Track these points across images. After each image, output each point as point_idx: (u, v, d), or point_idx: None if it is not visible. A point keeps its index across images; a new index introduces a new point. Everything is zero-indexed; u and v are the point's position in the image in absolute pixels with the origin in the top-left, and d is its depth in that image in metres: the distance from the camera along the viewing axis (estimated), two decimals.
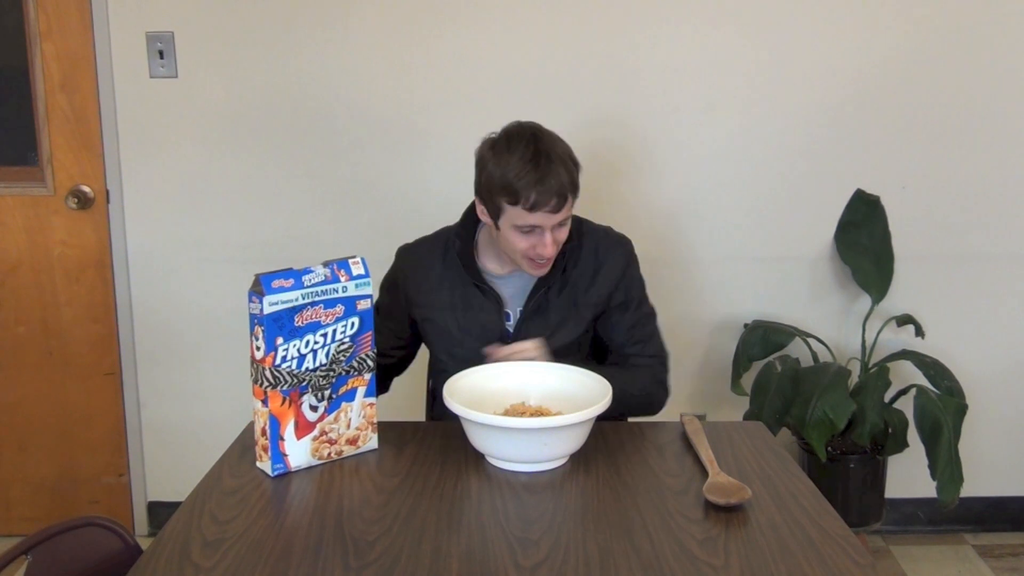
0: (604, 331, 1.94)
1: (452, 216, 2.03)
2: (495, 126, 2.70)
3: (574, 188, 1.75)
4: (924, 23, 2.63)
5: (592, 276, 1.88)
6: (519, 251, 1.78)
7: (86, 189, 2.69)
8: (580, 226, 1.91)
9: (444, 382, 1.65)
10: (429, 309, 1.90)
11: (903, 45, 2.64)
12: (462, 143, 2.66)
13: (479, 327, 1.87)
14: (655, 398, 1.91)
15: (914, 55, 2.64)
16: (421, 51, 2.62)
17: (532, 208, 1.70)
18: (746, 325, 2.75)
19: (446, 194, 2.67)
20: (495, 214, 1.77)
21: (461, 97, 2.65)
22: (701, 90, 2.65)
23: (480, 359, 1.82)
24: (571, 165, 1.75)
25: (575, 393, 1.66)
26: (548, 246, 1.75)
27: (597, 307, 1.90)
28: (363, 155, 2.68)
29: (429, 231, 2.01)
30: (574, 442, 1.57)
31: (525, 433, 1.52)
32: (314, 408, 1.54)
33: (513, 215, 1.73)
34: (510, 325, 1.88)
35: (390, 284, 1.96)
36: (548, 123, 2.63)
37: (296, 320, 1.48)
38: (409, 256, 1.96)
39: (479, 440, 1.57)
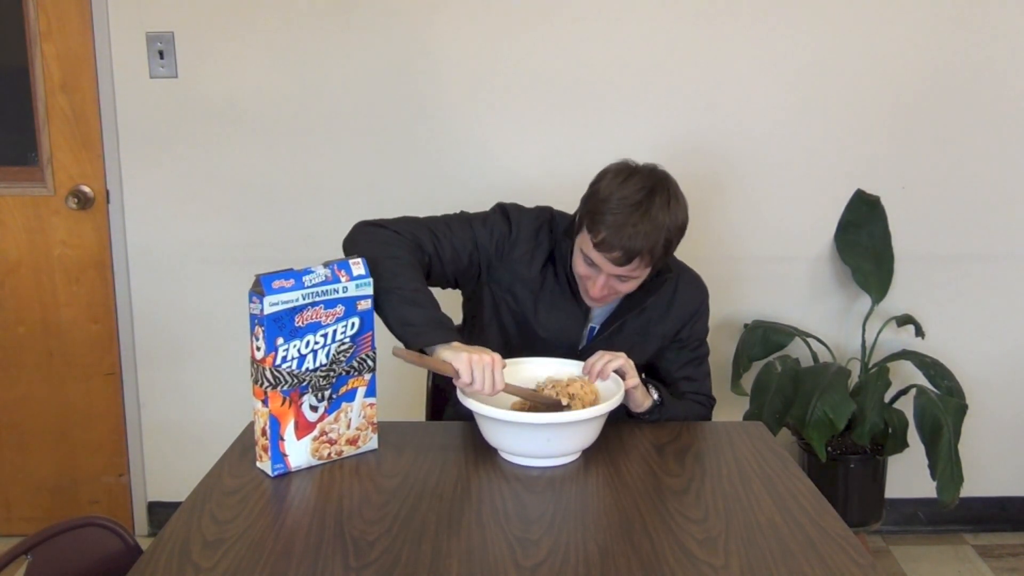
0: (660, 362, 1.91)
1: None
2: (494, 125, 2.71)
3: (651, 255, 1.66)
4: (924, 23, 2.62)
5: (667, 307, 1.85)
6: (577, 273, 1.75)
7: (86, 189, 2.70)
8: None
9: None
10: (517, 284, 1.81)
11: (903, 45, 2.64)
12: (464, 144, 2.68)
13: (558, 326, 1.82)
14: None
15: (914, 55, 2.64)
16: (423, 51, 2.62)
17: (597, 246, 1.65)
18: (746, 325, 2.75)
19: (447, 196, 2.67)
20: (577, 228, 1.74)
21: (462, 98, 2.65)
22: (701, 89, 2.65)
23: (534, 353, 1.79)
24: (663, 235, 1.65)
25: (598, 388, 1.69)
26: (596, 288, 1.70)
27: (664, 339, 1.87)
28: (363, 155, 2.68)
29: None
30: (581, 439, 1.58)
31: (530, 428, 1.53)
32: (314, 408, 1.54)
33: (583, 239, 1.70)
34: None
35: (496, 223, 1.82)
36: (544, 119, 2.65)
37: (296, 320, 1.48)
38: (525, 223, 1.82)
39: (489, 433, 1.60)
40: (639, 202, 1.64)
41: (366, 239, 1.71)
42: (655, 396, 1.77)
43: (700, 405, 1.90)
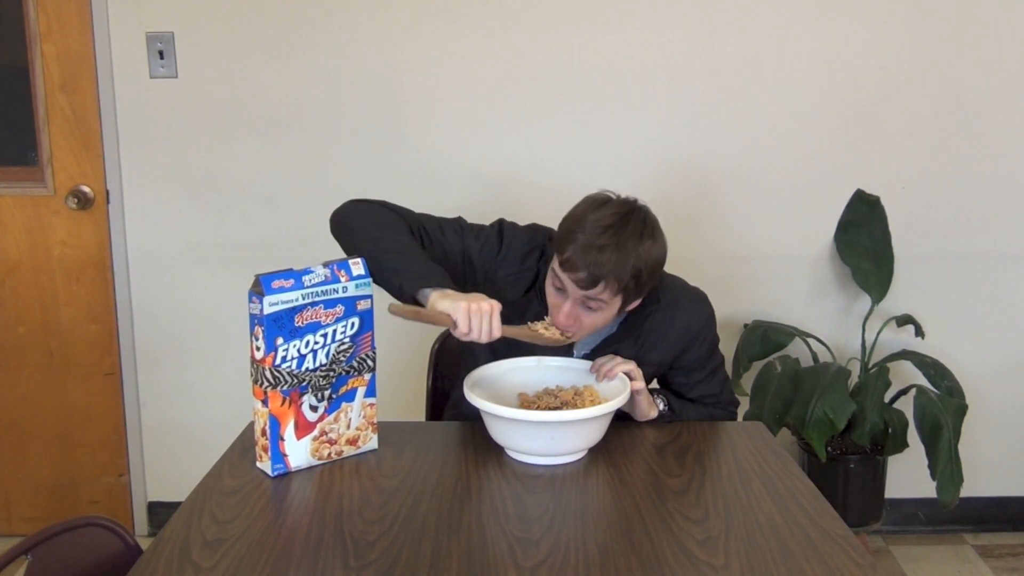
0: (675, 383, 1.86)
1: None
2: (492, 127, 2.71)
3: (617, 283, 1.58)
4: (924, 23, 2.63)
5: (664, 335, 1.78)
6: (549, 303, 1.68)
7: (86, 189, 2.70)
8: (660, 281, 1.74)
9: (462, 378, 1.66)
10: (504, 304, 1.70)
11: (903, 45, 2.64)
12: (463, 143, 2.68)
13: (543, 350, 1.74)
14: None
15: (914, 55, 2.64)
16: (422, 52, 2.62)
17: (562, 264, 1.60)
18: (746, 325, 2.75)
19: (447, 196, 2.67)
20: (552, 253, 1.68)
21: (462, 99, 2.65)
22: (701, 90, 2.65)
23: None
24: (631, 261, 1.57)
25: (600, 388, 1.69)
26: (563, 315, 1.63)
27: (662, 367, 1.82)
28: (363, 155, 2.68)
29: None
30: (585, 438, 1.58)
31: (534, 426, 1.54)
32: (314, 408, 1.54)
33: (554, 260, 1.64)
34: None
35: (489, 238, 1.77)
36: (546, 118, 2.65)
37: (296, 320, 1.48)
38: (516, 245, 1.77)
39: (494, 431, 1.60)
40: (610, 225, 1.58)
41: (360, 210, 1.72)
42: (661, 407, 1.76)
43: (722, 410, 1.87)
